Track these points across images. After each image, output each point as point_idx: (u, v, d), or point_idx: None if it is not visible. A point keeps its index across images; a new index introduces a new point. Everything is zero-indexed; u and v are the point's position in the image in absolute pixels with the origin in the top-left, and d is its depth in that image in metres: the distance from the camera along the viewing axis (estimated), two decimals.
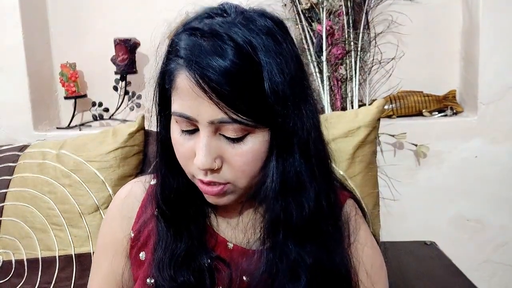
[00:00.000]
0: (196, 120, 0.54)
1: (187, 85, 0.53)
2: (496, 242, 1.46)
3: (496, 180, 1.43)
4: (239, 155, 0.55)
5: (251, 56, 0.52)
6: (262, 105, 0.53)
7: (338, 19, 1.44)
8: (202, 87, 0.51)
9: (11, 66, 1.49)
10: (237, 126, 0.53)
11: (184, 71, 0.53)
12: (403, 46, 1.51)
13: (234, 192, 0.59)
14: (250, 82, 0.52)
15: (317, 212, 0.59)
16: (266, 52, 0.53)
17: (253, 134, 0.55)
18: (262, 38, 0.53)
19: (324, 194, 0.60)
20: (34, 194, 1.06)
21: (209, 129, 0.54)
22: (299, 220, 0.57)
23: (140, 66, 1.56)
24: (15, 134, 1.50)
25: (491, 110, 1.41)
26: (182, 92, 0.54)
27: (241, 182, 0.57)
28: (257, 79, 0.53)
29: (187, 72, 0.53)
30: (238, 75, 0.51)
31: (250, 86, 0.52)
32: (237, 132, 0.54)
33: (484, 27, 1.38)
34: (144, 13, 1.56)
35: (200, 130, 0.55)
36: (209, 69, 0.51)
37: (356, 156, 1.04)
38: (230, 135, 0.54)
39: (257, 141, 0.55)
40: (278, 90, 0.53)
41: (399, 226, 1.46)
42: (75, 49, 1.60)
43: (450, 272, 1.13)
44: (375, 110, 1.06)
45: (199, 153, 0.54)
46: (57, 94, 1.63)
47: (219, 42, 0.52)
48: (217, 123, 0.53)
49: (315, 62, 1.45)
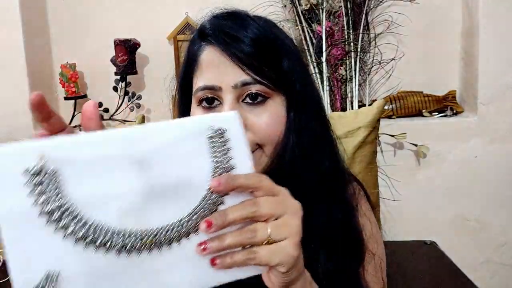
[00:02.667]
0: (219, 87, 0.58)
1: (211, 57, 0.59)
2: (496, 242, 1.47)
3: (496, 180, 1.44)
4: (263, 118, 0.59)
5: (269, 30, 0.62)
6: (280, 70, 0.60)
7: (338, 20, 1.44)
8: (227, 51, 0.58)
9: (11, 66, 1.49)
10: (259, 87, 0.58)
11: (208, 47, 0.60)
12: (403, 47, 1.52)
13: (260, 159, 0.61)
14: (270, 49, 0.60)
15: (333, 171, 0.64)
16: (278, 30, 0.65)
17: (273, 99, 0.60)
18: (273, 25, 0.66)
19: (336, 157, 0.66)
20: None
21: (232, 95, 0.58)
22: (318, 175, 0.62)
23: (140, 66, 1.56)
24: (15, 134, 1.50)
25: (491, 110, 1.42)
26: (206, 64, 0.60)
27: (267, 146, 0.60)
28: (275, 48, 0.61)
29: (211, 46, 0.60)
30: (259, 41, 0.59)
31: (270, 52, 0.60)
32: (259, 93, 0.58)
33: (484, 27, 1.38)
34: (144, 13, 1.56)
35: (223, 99, 0.59)
36: (233, 37, 0.58)
37: (356, 156, 1.04)
38: (252, 100, 0.59)
39: (277, 105, 0.60)
40: (292, 59, 0.62)
41: (399, 226, 1.46)
42: (75, 49, 1.60)
43: (450, 272, 1.13)
44: (375, 111, 1.06)
45: None
46: (57, 95, 1.63)
47: (240, 20, 0.61)
48: (240, 87, 0.58)
49: (315, 63, 1.45)
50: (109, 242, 0.40)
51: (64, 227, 0.39)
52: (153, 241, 0.41)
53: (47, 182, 0.38)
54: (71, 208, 0.39)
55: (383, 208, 1.44)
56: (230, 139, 0.44)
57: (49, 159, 0.38)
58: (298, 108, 0.62)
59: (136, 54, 1.53)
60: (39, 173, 0.38)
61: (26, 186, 0.38)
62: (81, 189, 0.39)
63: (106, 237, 0.40)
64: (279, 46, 0.62)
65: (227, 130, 0.44)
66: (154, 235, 0.41)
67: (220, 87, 0.58)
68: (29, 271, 0.39)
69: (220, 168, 0.44)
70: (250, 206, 0.42)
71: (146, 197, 0.41)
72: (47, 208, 0.38)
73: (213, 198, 0.43)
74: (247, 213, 0.42)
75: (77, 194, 0.39)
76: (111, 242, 0.40)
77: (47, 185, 0.38)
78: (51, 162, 0.38)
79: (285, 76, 0.61)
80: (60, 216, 0.39)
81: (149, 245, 0.41)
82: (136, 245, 0.41)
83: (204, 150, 0.43)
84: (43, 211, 0.38)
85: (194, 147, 0.43)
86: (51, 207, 0.38)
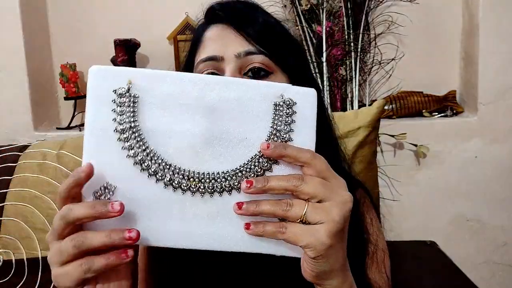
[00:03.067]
0: (221, 57, 0.58)
1: (216, 32, 0.60)
2: (496, 242, 1.47)
3: (496, 180, 1.44)
4: None
5: (274, 17, 0.64)
6: (285, 50, 0.61)
7: (338, 20, 1.44)
8: (233, 25, 0.58)
9: (11, 66, 1.49)
10: (263, 58, 0.58)
11: (214, 26, 0.61)
12: (403, 47, 1.52)
13: None
14: (277, 31, 0.62)
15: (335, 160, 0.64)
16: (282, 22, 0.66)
17: (275, 76, 0.59)
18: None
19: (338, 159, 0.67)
20: (34, 194, 1.06)
21: (234, 65, 0.57)
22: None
23: (140, 66, 1.56)
24: (15, 134, 1.50)
25: (491, 110, 1.42)
26: (209, 39, 0.60)
27: None
28: (280, 29, 0.63)
29: (217, 24, 0.60)
30: (268, 21, 0.61)
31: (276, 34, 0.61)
32: (262, 66, 0.58)
33: (484, 27, 1.38)
34: (144, 14, 1.56)
35: (224, 70, 0.58)
36: (242, 15, 0.60)
37: (356, 156, 1.04)
38: (254, 74, 0.58)
39: (279, 80, 0.59)
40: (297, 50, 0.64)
41: (399, 226, 1.46)
42: (75, 49, 1.60)
43: (450, 272, 1.13)
44: (375, 111, 1.06)
45: None
46: (57, 95, 1.63)
47: (250, 4, 0.63)
48: (243, 56, 0.57)
49: (315, 63, 1.45)
50: (160, 172, 0.44)
51: (129, 147, 0.44)
52: (198, 185, 0.44)
53: (127, 104, 0.44)
54: (138, 132, 0.44)
55: (383, 208, 1.44)
56: (298, 113, 0.46)
57: (134, 85, 0.44)
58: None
59: (136, 54, 1.53)
60: (123, 95, 0.44)
61: (112, 103, 0.44)
62: (152, 118, 0.44)
63: (159, 167, 0.44)
64: (286, 34, 0.63)
65: (297, 103, 0.46)
66: (199, 179, 0.44)
67: (222, 57, 0.58)
68: (94, 177, 0.43)
69: (276, 136, 0.45)
70: (294, 179, 0.42)
71: (204, 142, 0.44)
72: (121, 126, 0.44)
73: (261, 161, 0.45)
74: (289, 186, 0.42)
75: (147, 121, 0.44)
76: (163, 173, 0.44)
77: (127, 107, 0.44)
78: (135, 88, 0.44)
79: (289, 56, 0.61)
80: (128, 137, 0.44)
81: (193, 187, 0.44)
82: (182, 183, 0.44)
83: (267, 115, 0.45)
84: (117, 129, 0.44)
85: (259, 109, 0.45)
86: (124, 127, 0.44)
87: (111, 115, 0.44)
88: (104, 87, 0.44)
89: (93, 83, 0.45)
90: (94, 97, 0.44)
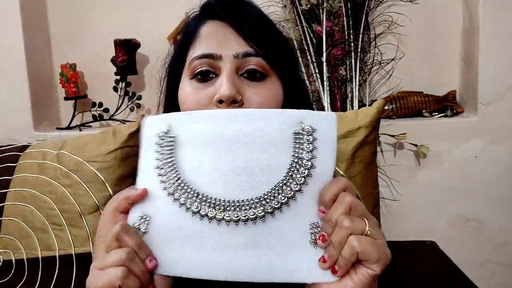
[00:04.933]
0: (219, 56, 0.57)
1: (214, 28, 0.59)
2: (496, 242, 1.47)
3: (496, 180, 1.44)
4: (260, 95, 0.58)
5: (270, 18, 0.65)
6: (279, 51, 0.61)
7: (338, 20, 1.44)
8: (232, 24, 0.58)
9: (11, 66, 1.49)
10: (260, 61, 0.58)
11: (211, 21, 0.60)
12: (403, 47, 1.52)
13: None
14: (271, 30, 0.62)
15: None
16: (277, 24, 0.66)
17: (271, 79, 0.59)
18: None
19: None
20: (34, 194, 1.06)
21: (232, 64, 0.57)
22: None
23: (140, 66, 1.56)
24: (15, 134, 1.50)
25: (491, 110, 1.42)
26: (206, 35, 0.59)
27: None
28: (277, 31, 0.64)
29: (214, 20, 0.60)
30: (263, 20, 0.62)
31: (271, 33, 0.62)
32: (258, 68, 0.58)
33: (484, 27, 1.38)
34: (144, 13, 1.56)
35: (221, 69, 0.57)
36: (239, 12, 0.60)
37: (356, 156, 1.04)
38: (251, 74, 0.58)
39: (275, 86, 0.60)
40: (289, 46, 0.65)
41: (399, 226, 1.46)
42: (75, 49, 1.60)
43: (450, 272, 1.13)
44: (375, 111, 1.06)
45: (223, 84, 0.56)
46: (57, 95, 1.63)
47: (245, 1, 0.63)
48: (241, 57, 0.57)
49: (315, 63, 1.45)
50: (189, 201, 0.47)
51: (165, 180, 0.48)
52: (223, 213, 0.46)
53: (166, 144, 0.49)
54: (174, 167, 0.49)
55: (383, 208, 1.44)
56: (318, 139, 0.47)
57: (172, 127, 0.49)
58: (294, 96, 0.62)
59: (136, 54, 1.52)
60: (164, 137, 0.49)
61: (156, 145, 0.50)
62: (186, 154, 0.49)
63: (188, 195, 0.47)
64: (282, 37, 0.64)
65: (318, 129, 0.47)
66: (224, 208, 0.46)
67: (220, 55, 0.57)
68: (133, 211, 0.49)
69: (299, 164, 0.47)
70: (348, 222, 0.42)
71: (229, 172, 0.47)
72: (161, 163, 0.49)
73: (285, 189, 0.46)
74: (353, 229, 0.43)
75: (182, 157, 0.49)
76: (191, 201, 0.47)
77: (166, 147, 0.49)
78: (173, 130, 0.49)
79: (284, 59, 0.61)
80: (165, 171, 0.49)
81: (219, 216, 0.46)
82: (208, 211, 0.47)
83: (288, 143, 0.47)
84: (158, 166, 0.49)
85: (280, 138, 0.47)
86: (163, 163, 0.49)
87: (154, 155, 0.49)
88: (151, 133, 0.50)
89: (145, 132, 0.51)
90: (145, 142, 0.51)
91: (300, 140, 0.46)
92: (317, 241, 0.44)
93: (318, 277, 0.45)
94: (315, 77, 1.45)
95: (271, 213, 0.46)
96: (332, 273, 0.44)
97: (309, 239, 0.46)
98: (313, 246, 0.45)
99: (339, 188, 0.44)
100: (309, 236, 0.46)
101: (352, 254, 0.42)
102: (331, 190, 0.44)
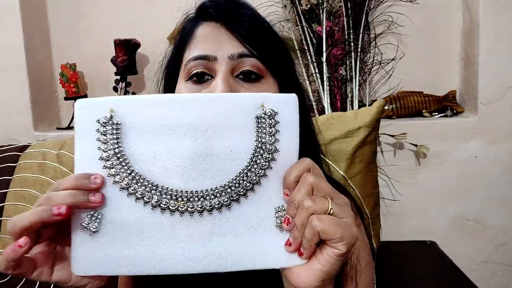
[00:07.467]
0: (214, 57, 0.57)
1: (209, 30, 0.59)
2: (496, 242, 1.47)
3: (496, 180, 1.44)
4: None
5: (265, 19, 0.64)
6: (274, 52, 0.61)
7: (338, 20, 1.44)
8: (227, 26, 0.58)
9: (11, 66, 1.49)
10: (255, 62, 0.57)
11: (206, 23, 0.60)
12: (403, 47, 1.52)
13: None
14: (266, 31, 0.62)
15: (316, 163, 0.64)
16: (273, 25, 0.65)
17: (266, 80, 0.59)
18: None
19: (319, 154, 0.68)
20: (34, 194, 1.06)
21: (227, 66, 0.57)
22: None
23: (140, 66, 1.56)
24: (15, 134, 1.50)
25: (491, 110, 1.42)
26: (202, 37, 0.59)
27: None
28: (272, 32, 0.63)
29: (210, 22, 0.60)
30: (258, 21, 0.61)
31: (266, 34, 0.61)
32: (254, 69, 0.57)
33: (484, 27, 1.38)
34: (144, 13, 1.56)
35: (216, 71, 0.57)
36: (234, 14, 0.59)
37: (356, 156, 1.04)
38: (246, 76, 0.58)
39: (270, 87, 0.59)
40: (285, 46, 0.64)
41: (399, 226, 1.46)
42: (75, 49, 1.60)
43: (450, 272, 1.13)
44: (375, 111, 1.06)
45: (218, 86, 0.56)
46: (57, 95, 1.63)
47: (239, 2, 0.63)
48: (236, 58, 0.57)
49: (315, 63, 1.45)
50: (147, 194, 0.44)
51: (114, 173, 0.44)
52: (186, 204, 0.44)
53: (110, 132, 0.44)
54: (123, 157, 0.44)
55: (383, 208, 1.44)
56: (280, 122, 0.45)
57: (116, 112, 0.44)
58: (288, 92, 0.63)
59: (136, 54, 1.52)
60: (106, 123, 0.44)
61: (96, 133, 0.44)
62: (135, 142, 0.44)
63: (146, 189, 0.44)
64: (277, 38, 0.64)
65: (279, 112, 0.45)
66: (188, 199, 0.44)
67: (216, 57, 0.57)
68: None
69: (262, 149, 0.45)
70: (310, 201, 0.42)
71: (189, 160, 0.44)
72: (105, 154, 0.44)
73: (250, 175, 0.45)
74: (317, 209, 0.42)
75: (131, 146, 0.44)
76: (150, 195, 0.44)
77: (110, 135, 0.44)
78: (117, 115, 0.44)
79: (279, 60, 0.61)
80: (112, 163, 0.44)
81: (181, 207, 0.44)
82: (170, 204, 0.44)
83: (250, 128, 0.45)
84: (102, 157, 0.44)
85: (242, 122, 0.45)
86: (108, 154, 0.44)
87: (96, 144, 0.44)
88: (89, 118, 0.44)
89: (78, 116, 0.45)
90: (80, 129, 0.45)
91: (263, 124, 0.45)
92: (282, 225, 0.44)
93: (285, 261, 0.44)
94: (315, 77, 1.45)
95: (237, 200, 0.44)
96: (298, 256, 0.43)
97: (275, 223, 0.45)
98: (279, 230, 0.45)
99: (302, 169, 0.43)
100: (275, 220, 0.45)
101: (313, 234, 0.41)
102: (294, 172, 0.43)
